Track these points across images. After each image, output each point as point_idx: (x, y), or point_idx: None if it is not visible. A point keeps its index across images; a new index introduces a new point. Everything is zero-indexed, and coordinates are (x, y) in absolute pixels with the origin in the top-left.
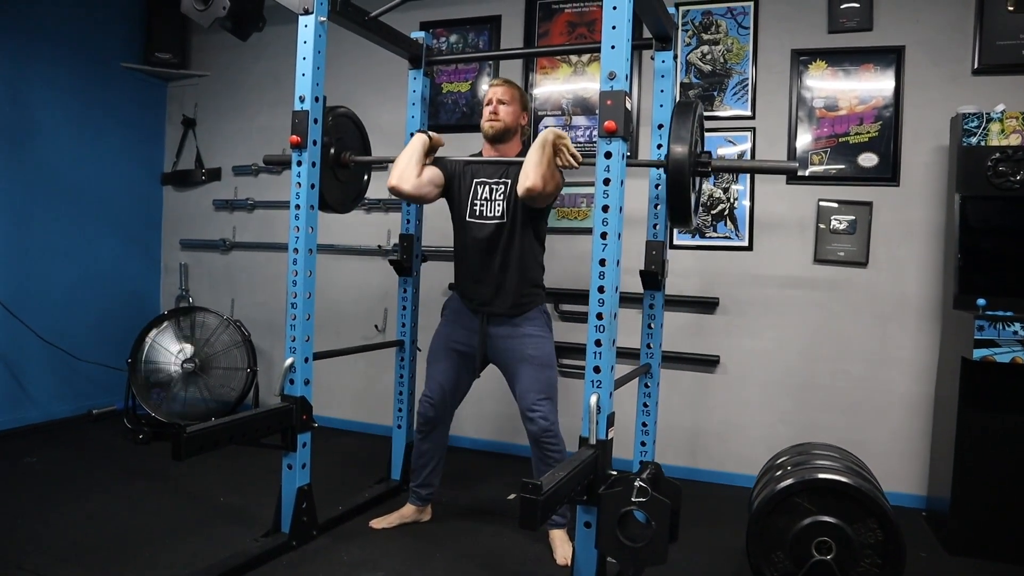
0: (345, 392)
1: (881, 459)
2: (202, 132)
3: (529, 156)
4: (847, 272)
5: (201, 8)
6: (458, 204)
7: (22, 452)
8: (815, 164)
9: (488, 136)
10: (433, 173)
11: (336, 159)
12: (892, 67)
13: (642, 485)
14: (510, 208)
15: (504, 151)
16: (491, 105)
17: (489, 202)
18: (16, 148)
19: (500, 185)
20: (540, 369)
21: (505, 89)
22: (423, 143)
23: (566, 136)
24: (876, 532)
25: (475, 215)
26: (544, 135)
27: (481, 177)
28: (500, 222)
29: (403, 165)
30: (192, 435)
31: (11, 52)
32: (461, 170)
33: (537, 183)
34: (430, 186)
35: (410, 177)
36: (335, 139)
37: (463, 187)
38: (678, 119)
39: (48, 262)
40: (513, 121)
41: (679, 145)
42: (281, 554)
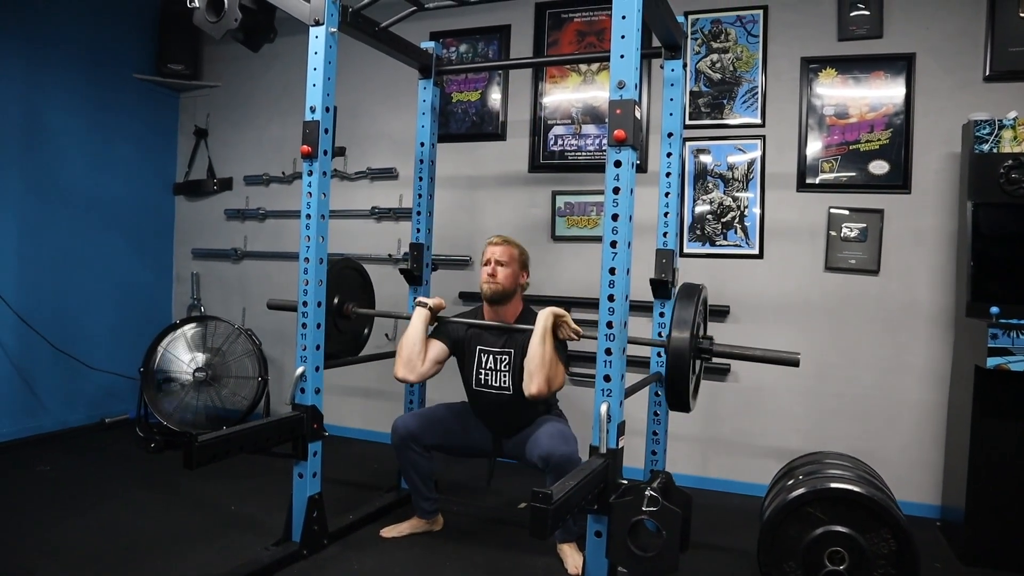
0: (356, 401)
1: (894, 468)
2: (214, 142)
3: (531, 351)
4: (858, 280)
5: (213, 20)
6: (463, 370)
7: (36, 460)
8: (825, 172)
9: (487, 298)
10: (437, 351)
11: (339, 310)
12: (903, 74)
13: (653, 494)
14: (516, 380)
15: (504, 313)
16: (489, 266)
17: (494, 372)
18: (30, 158)
19: (504, 355)
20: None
21: (503, 249)
22: (424, 319)
23: (566, 314)
24: (889, 542)
25: (481, 384)
26: (543, 322)
27: (484, 344)
28: (507, 394)
29: (407, 353)
30: (203, 444)
31: (25, 64)
32: (464, 335)
33: (543, 388)
34: (435, 366)
35: (416, 366)
36: (338, 291)
37: (467, 354)
38: (681, 304)
39: (61, 271)
40: (512, 283)
41: (680, 331)
42: (292, 563)
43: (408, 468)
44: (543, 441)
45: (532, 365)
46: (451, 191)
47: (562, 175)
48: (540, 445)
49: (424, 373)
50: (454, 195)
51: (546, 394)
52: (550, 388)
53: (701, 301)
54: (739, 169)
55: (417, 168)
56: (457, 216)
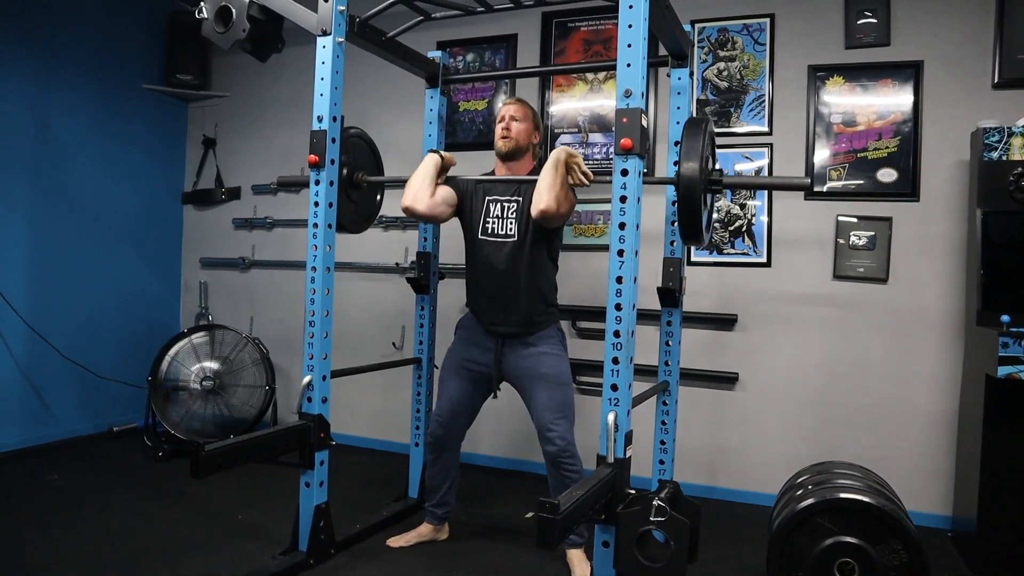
0: (363, 410)
1: (904, 478)
2: (222, 152)
3: (542, 177)
4: (867, 288)
5: (221, 31)
6: (470, 222)
7: (44, 469)
8: (833, 180)
9: (500, 153)
10: (446, 192)
11: (349, 180)
12: (910, 82)
13: (660, 504)
14: (522, 227)
15: (516, 169)
16: (503, 122)
17: (501, 220)
18: (40, 167)
19: (512, 203)
20: (555, 387)
21: (518, 107)
22: (436, 163)
23: (578, 155)
24: (900, 553)
25: (487, 233)
26: (556, 154)
27: (494, 195)
28: (512, 240)
29: (416, 185)
30: (210, 453)
31: (35, 75)
32: (473, 188)
33: (551, 205)
34: (443, 205)
35: (423, 197)
36: (347, 159)
37: (475, 205)
38: (688, 136)
39: (70, 281)
40: (525, 139)
41: (690, 162)
42: (298, 572)
43: (444, 471)
44: (540, 409)
45: (542, 186)
46: None
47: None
48: (537, 411)
49: (432, 205)
50: None
51: (554, 212)
52: (558, 208)
53: (708, 134)
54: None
55: None
56: None
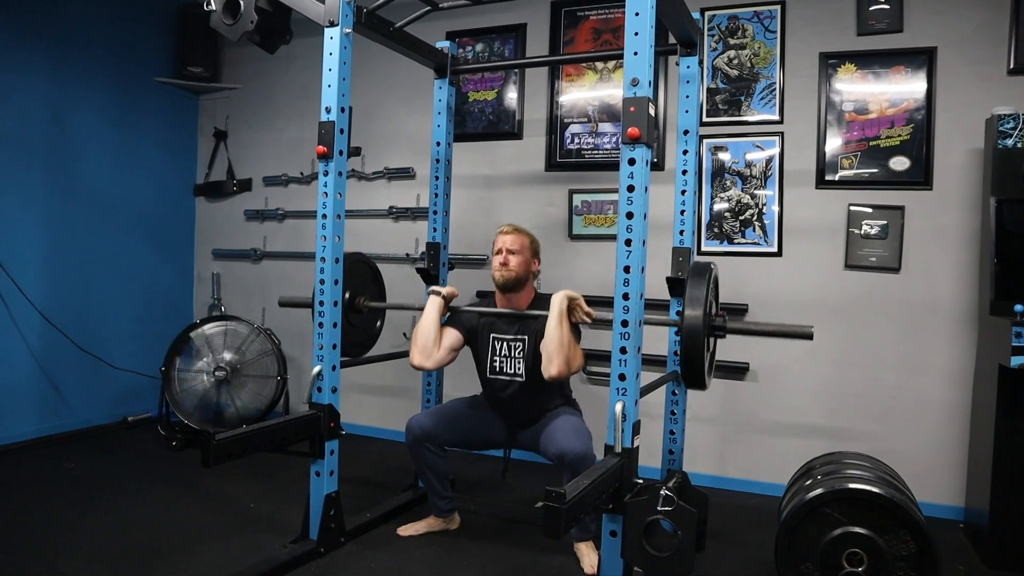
0: (374, 399)
1: (916, 469)
2: (233, 144)
3: (549, 336)
4: (879, 278)
5: (230, 23)
6: (477, 358)
7: (61, 458)
8: (845, 168)
9: (500, 286)
10: (452, 339)
11: (351, 304)
12: (924, 69)
13: (668, 494)
14: (529, 366)
15: (516, 301)
16: (501, 255)
17: (509, 359)
18: (55, 162)
19: (518, 343)
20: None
21: (514, 238)
22: (438, 307)
23: (578, 296)
24: (909, 544)
25: (495, 372)
26: (559, 305)
27: (497, 332)
28: (520, 380)
29: (423, 340)
30: (220, 442)
31: (50, 70)
32: (478, 324)
33: (563, 370)
34: (450, 354)
35: (431, 353)
36: (349, 284)
37: (481, 343)
38: (693, 283)
39: (85, 272)
40: (524, 271)
41: (693, 308)
42: (309, 560)
43: (423, 467)
44: (557, 437)
45: (551, 347)
46: (468, 190)
47: (579, 173)
48: (555, 441)
49: (440, 360)
50: (471, 194)
51: (565, 375)
52: (570, 369)
53: (712, 280)
54: (757, 166)
55: (433, 167)
56: (474, 215)
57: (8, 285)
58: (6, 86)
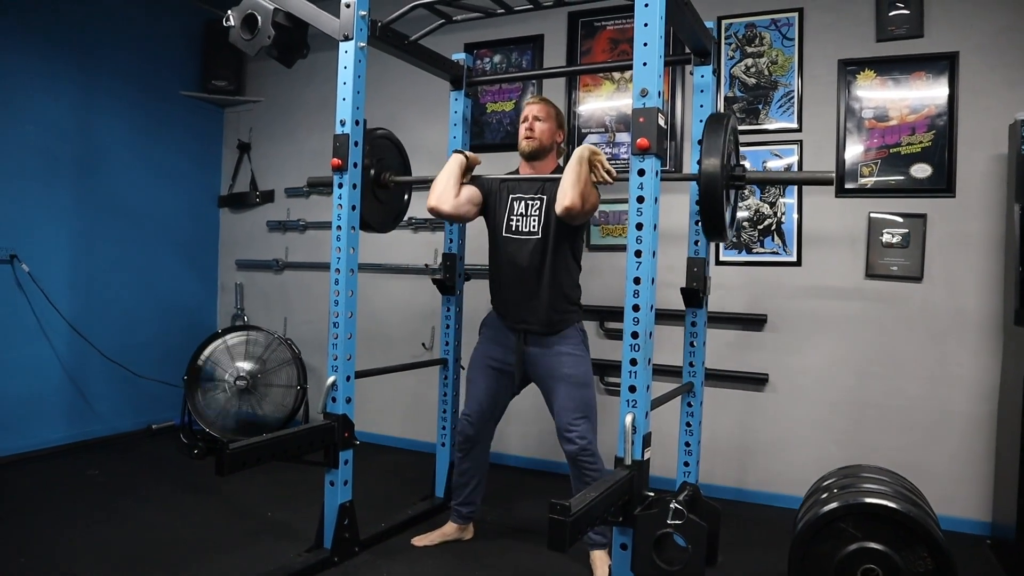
0: (394, 409)
1: (940, 482)
2: (256, 156)
3: (566, 174)
4: (901, 287)
5: (248, 38)
6: (494, 220)
7: (86, 464)
8: (865, 176)
9: (524, 153)
10: (471, 192)
11: (376, 180)
12: (945, 74)
13: (678, 507)
14: (546, 224)
15: (540, 168)
16: (527, 122)
17: (525, 218)
18: (83, 174)
19: (536, 200)
20: (576, 388)
21: (541, 106)
22: (460, 163)
23: (600, 152)
24: (926, 560)
25: (511, 230)
26: (580, 152)
27: (518, 193)
28: (536, 238)
29: (441, 185)
30: (235, 452)
31: (78, 84)
32: (498, 187)
33: (576, 202)
34: (468, 205)
35: (448, 197)
36: (375, 160)
37: (500, 203)
38: (709, 132)
39: (112, 283)
40: (549, 138)
41: (711, 158)
42: (322, 569)
43: (474, 468)
44: (561, 411)
45: (567, 182)
46: None
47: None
48: (559, 414)
49: (457, 205)
50: None
51: (579, 209)
52: (583, 203)
53: (730, 130)
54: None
55: None
56: None
57: (37, 295)
58: (37, 102)
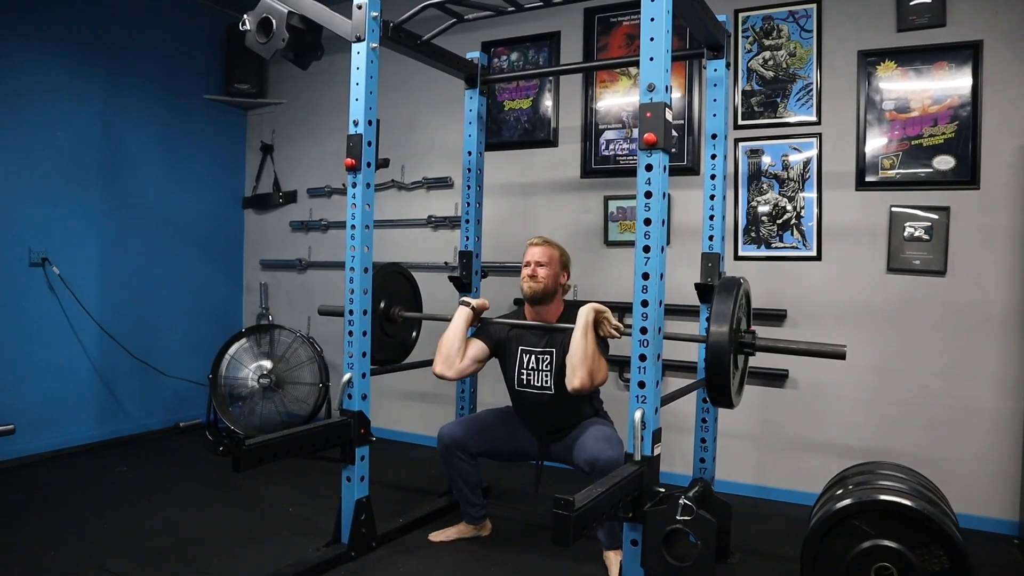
0: (415, 406)
1: (966, 481)
2: (279, 157)
3: (573, 346)
4: (924, 282)
5: (263, 41)
6: (506, 370)
7: (115, 461)
8: (886, 169)
9: (528, 299)
10: (476, 349)
11: (386, 314)
12: (969, 63)
13: (687, 503)
14: (557, 379)
15: (545, 313)
16: (529, 267)
17: (537, 372)
18: (110, 178)
19: (546, 355)
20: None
21: (543, 250)
22: (467, 318)
23: (606, 310)
24: (942, 559)
25: (524, 385)
26: (585, 317)
27: (526, 344)
28: (549, 393)
29: (447, 349)
30: (250, 448)
31: (105, 90)
32: (506, 336)
33: (586, 382)
34: (473, 365)
35: (454, 362)
36: (385, 295)
37: (509, 355)
38: (720, 297)
39: (140, 284)
40: (552, 283)
41: (719, 325)
42: (339, 564)
43: (455, 475)
44: (588, 445)
45: (575, 359)
46: (505, 198)
47: (614, 180)
48: (585, 449)
49: (462, 370)
50: (508, 202)
51: (588, 387)
52: (593, 381)
53: (741, 295)
54: (795, 169)
55: (465, 176)
56: (511, 223)
57: (68, 297)
58: (65, 108)
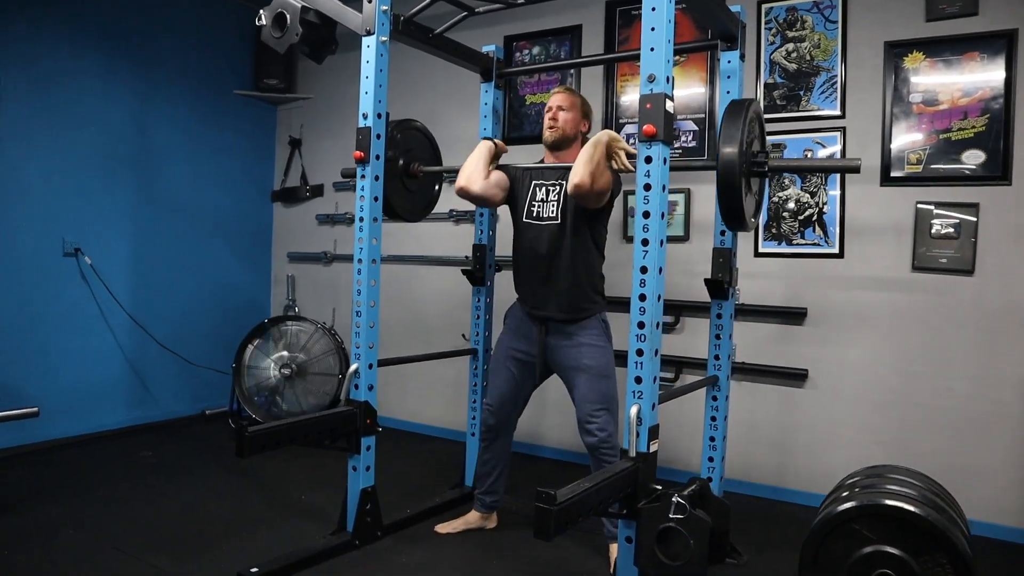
0: (435, 399)
1: (991, 488)
2: (307, 151)
3: (580, 154)
4: (950, 280)
5: (278, 36)
6: (516, 206)
7: (141, 447)
8: (912, 164)
9: (548, 143)
10: (498, 176)
11: (405, 170)
12: (1002, 54)
13: (679, 501)
14: (564, 209)
15: (564, 158)
16: (551, 112)
17: (545, 203)
18: (141, 172)
19: (556, 186)
20: (597, 379)
21: (564, 96)
22: (489, 148)
23: (621, 139)
24: (945, 568)
25: (531, 216)
26: (598, 136)
27: (540, 180)
28: (555, 223)
29: (470, 168)
30: (253, 435)
31: (136, 85)
32: (523, 174)
33: (585, 180)
34: (496, 188)
35: (477, 179)
36: (404, 151)
37: (522, 189)
38: (728, 118)
39: (170, 276)
40: (573, 128)
41: (728, 145)
42: (343, 553)
43: (497, 457)
44: (581, 401)
45: (578, 162)
46: None
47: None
48: (579, 405)
49: (485, 187)
50: None
51: (588, 186)
52: (592, 182)
53: (752, 115)
54: None
55: None
56: None
57: (100, 287)
58: (97, 103)
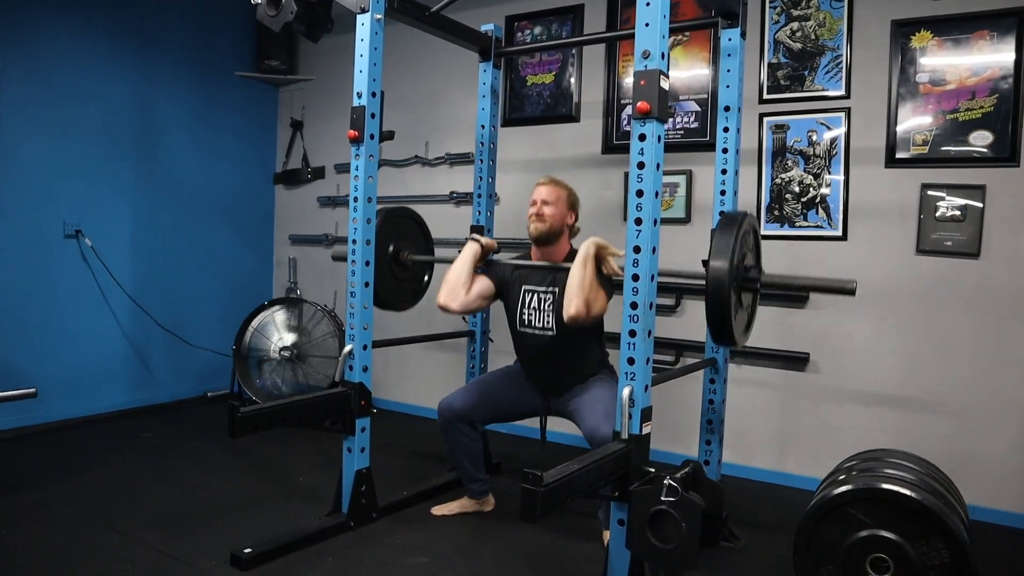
0: (436, 382)
1: (994, 474)
2: (308, 133)
3: (571, 276)
4: (955, 264)
5: (273, 14)
6: (508, 307)
7: (142, 428)
8: (919, 145)
9: (533, 238)
10: (482, 286)
11: (395, 257)
12: (1012, 32)
13: (671, 484)
14: (559, 319)
15: (551, 253)
16: (535, 206)
17: (538, 312)
18: (143, 153)
19: (548, 295)
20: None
21: (550, 189)
22: (475, 253)
23: (608, 245)
24: (941, 552)
25: (525, 325)
26: (585, 248)
27: (529, 284)
28: (550, 334)
29: (452, 282)
30: (245, 415)
31: (138, 67)
32: (511, 276)
33: (581, 310)
34: (479, 300)
35: (459, 296)
36: (395, 238)
37: (512, 295)
38: (722, 230)
39: (171, 258)
40: (559, 223)
41: (718, 260)
42: (337, 534)
43: (455, 448)
44: (588, 416)
45: (571, 288)
46: (526, 174)
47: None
48: (586, 420)
49: (467, 303)
50: (529, 179)
51: (583, 316)
52: (589, 311)
53: (745, 229)
54: (821, 145)
55: (478, 151)
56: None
57: (100, 269)
58: (98, 83)
